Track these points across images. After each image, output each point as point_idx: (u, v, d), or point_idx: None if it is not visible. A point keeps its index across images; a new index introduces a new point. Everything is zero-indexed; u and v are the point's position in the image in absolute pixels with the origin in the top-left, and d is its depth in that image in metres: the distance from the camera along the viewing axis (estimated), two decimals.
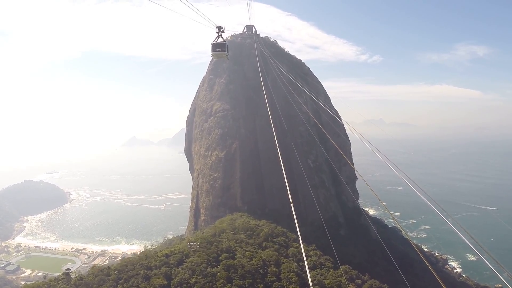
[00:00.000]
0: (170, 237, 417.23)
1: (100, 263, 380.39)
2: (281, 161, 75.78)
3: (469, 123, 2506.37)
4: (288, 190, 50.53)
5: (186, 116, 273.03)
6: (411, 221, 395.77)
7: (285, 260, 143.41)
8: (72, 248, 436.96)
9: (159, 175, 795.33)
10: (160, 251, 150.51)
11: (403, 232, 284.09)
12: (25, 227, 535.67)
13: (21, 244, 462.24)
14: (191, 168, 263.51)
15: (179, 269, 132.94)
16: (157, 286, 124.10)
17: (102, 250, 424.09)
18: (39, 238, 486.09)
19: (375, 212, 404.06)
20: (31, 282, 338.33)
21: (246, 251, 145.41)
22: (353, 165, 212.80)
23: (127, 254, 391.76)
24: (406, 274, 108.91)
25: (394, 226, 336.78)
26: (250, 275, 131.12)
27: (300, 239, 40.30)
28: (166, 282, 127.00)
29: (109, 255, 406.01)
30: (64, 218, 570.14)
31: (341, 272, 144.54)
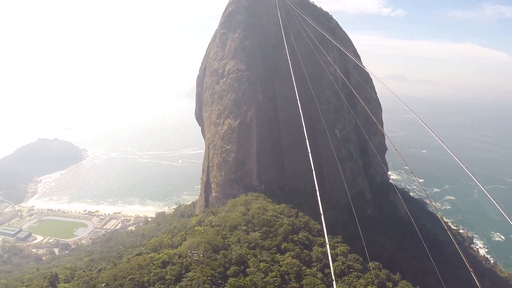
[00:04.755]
0: (185, 197, 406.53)
1: (112, 227, 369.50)
2: (305, 133, 71.83)
3: (494, 86, 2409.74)
4: (313, 172, 51.17)
5: (197, 76, 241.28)
6: (435, 189, 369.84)
7: (308, 271, 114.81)
8: (85, 210, 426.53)
9: (175, 129, 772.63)
10: (158, 256, 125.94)
11: (432, 209, 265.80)
12: (38, 188, 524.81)
13: (33, 208, 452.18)
14: (203, 133, 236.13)
15: (177, 287, 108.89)
16: None
17: (115, 213, 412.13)
18: (52, 200, 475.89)
19: (398, 177, 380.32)
20: (42, 249, 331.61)
21: (261, 261, 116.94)
22: (386, 135, 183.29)
23: (139, 216, 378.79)
24: (436, 262, 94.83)
25: (418, 196, 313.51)
26: None
27: (327, 246, 40.60)
28: None
29: (122, 218, 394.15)
30: (78, 178, 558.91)
31: (371, 278, 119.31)
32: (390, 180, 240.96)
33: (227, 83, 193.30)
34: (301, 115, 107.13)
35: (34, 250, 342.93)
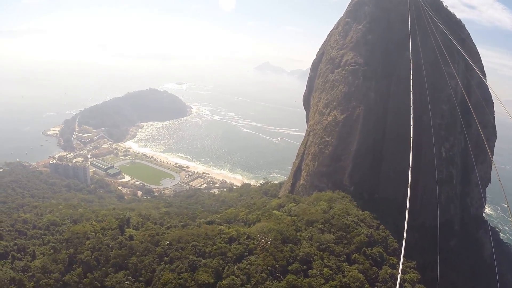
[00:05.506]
0: (274, 175, 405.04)
1: (198, 185, 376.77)
2: (411, 142, 73.20)
3: None
4: (409, 189, 58.84)
5: (313, 60, 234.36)
6: None
7: None
8: (176, 163, 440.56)
9: (282, 105, 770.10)
10: (227, 230, 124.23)
11: None
12: (138, 133, 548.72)
13: (130, 149, 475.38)
14: (307, 119, 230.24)
15: (235, 267, 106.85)
16: (200, 282, 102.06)
17: (203, 172, 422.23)
18: (148, 146, 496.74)
19: (492, 213, 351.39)
20: (126, 189, 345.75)
21: (326, 266, 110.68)
22: (495, 165, 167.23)
23: (226, 182, 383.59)
24: None
25: (508, 240, 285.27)
26: None
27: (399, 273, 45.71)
28: (213, 280, 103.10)
29: (208, 179, 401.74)
30: (177, 131, 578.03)
31: None
32: (483, 214, 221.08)
33: (341, 74, 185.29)
34: (411, 123, 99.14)
35: (119, 188, 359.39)
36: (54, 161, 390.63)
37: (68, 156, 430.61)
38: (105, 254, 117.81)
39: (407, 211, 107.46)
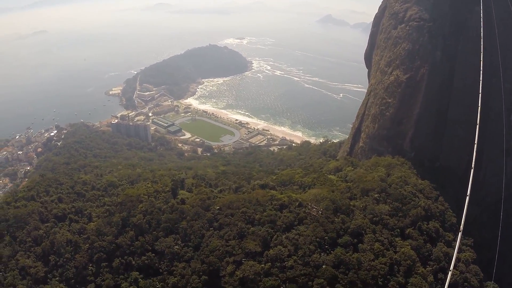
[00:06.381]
0: (335, 133, 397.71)
1: (257, 142, 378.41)
2: (478, 108, 71.87)
3: None
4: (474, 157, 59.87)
5: (374, 14, 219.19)
6: None
7: (421, 269, 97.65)
8: (236, 120, 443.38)
9: (345, 60, 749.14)
10: (279, 196, 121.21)
11: None
12: (199, 89, 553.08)
13: (190, 106, 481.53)
14: (369, 77, 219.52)
15: (283, 237, 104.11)
16: (247, 250, 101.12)
17: (263, 129, 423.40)
18: (208, 103, 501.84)
19: None
20: (186, 146, 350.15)
21: (377, 240, 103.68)
22: None
23: (286, 139, 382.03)
24: None
25: None
26: (362, 285, 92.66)
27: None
28: (260, 249, 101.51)
29: (268, 136, 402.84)
30: (238, 87, 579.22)
31: None
32: None
33: (405, 30, 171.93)
34: (480, 86, 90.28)
35: (180, 145, 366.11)
36: (116, 120, 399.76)
37: (130, 114, 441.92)
38: (156, 217, 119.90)
39: (469, 184, 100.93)
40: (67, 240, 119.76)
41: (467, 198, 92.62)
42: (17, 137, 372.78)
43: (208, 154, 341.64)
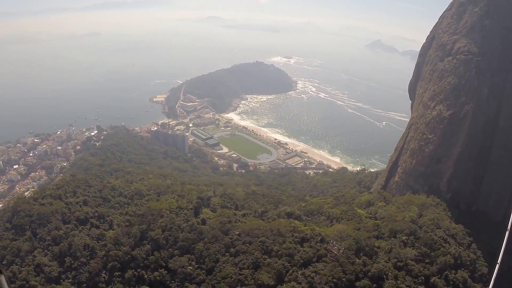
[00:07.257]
0: (373, 161, 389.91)
1: (294, 163, 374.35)
2: None
3: None
4: None
5: (422, 44, 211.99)
6: None
7: None
8: (275, 139, 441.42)
9: (391, 88, 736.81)
10: (302, 228, 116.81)
11: None
12: (241, 105, 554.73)
13: (231, 121, 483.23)
14: (412, 109, 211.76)
15: (299, 273, 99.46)
16: (259, 282, 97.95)
17: (301, 151, 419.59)
18: (249, 119, 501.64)
19: None
20: (222, 160, 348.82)
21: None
22: None
23: (323, 164, 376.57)
24: None
25: None
26: None
27: None
28: (273, 283, 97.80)
29: (306, 158, 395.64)
30: (281, 107, 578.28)
31: None
32: None
33: (452, 64, 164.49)
34: None
35: (216, 159, 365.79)
36: (156, 127, 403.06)
37: (170, 123, 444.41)
38: (174, 235, 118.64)
39: (507, 232, 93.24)
40: (84, 244, 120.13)
41: (503, 247, 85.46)
42: (58, 132, 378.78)
43: (243, 171, 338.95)
